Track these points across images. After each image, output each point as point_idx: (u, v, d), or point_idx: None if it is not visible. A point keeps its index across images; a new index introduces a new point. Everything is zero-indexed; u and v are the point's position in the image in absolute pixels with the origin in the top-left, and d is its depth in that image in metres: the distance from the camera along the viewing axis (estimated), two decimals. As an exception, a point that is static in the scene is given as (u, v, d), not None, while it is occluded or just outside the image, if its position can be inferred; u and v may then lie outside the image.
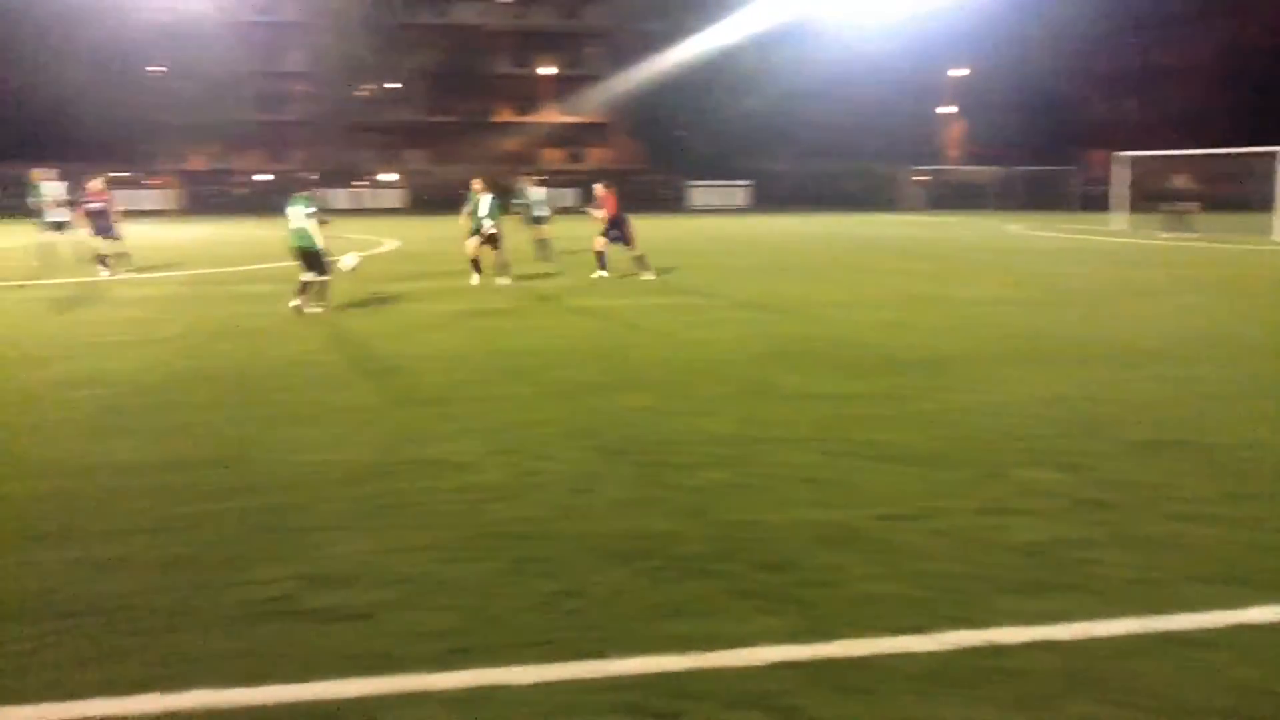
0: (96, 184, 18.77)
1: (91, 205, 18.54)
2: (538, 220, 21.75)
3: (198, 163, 63.70)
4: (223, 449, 6.72)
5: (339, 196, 53.50)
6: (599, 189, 18.51)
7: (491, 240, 16.77)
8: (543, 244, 21.36)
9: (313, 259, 13.24)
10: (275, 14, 64.08)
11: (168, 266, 21.03)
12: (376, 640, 3.95)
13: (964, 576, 4.53)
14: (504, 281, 16.69)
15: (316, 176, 50.11)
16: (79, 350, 10.65)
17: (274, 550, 4.88)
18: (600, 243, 18.10)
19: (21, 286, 16.39)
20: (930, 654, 3.82)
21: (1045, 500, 5.61)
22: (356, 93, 64.09)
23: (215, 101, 57.83)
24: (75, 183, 20.56)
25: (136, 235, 29.72)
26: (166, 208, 53.54)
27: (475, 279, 16.70)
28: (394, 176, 62.86)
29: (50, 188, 19.58)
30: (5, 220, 37.50)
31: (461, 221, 17.44)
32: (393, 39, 61.53)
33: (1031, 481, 5.96)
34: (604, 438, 6.95)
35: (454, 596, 4.35)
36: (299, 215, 13.21)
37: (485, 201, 16.70)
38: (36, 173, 20.26)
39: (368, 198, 57.60)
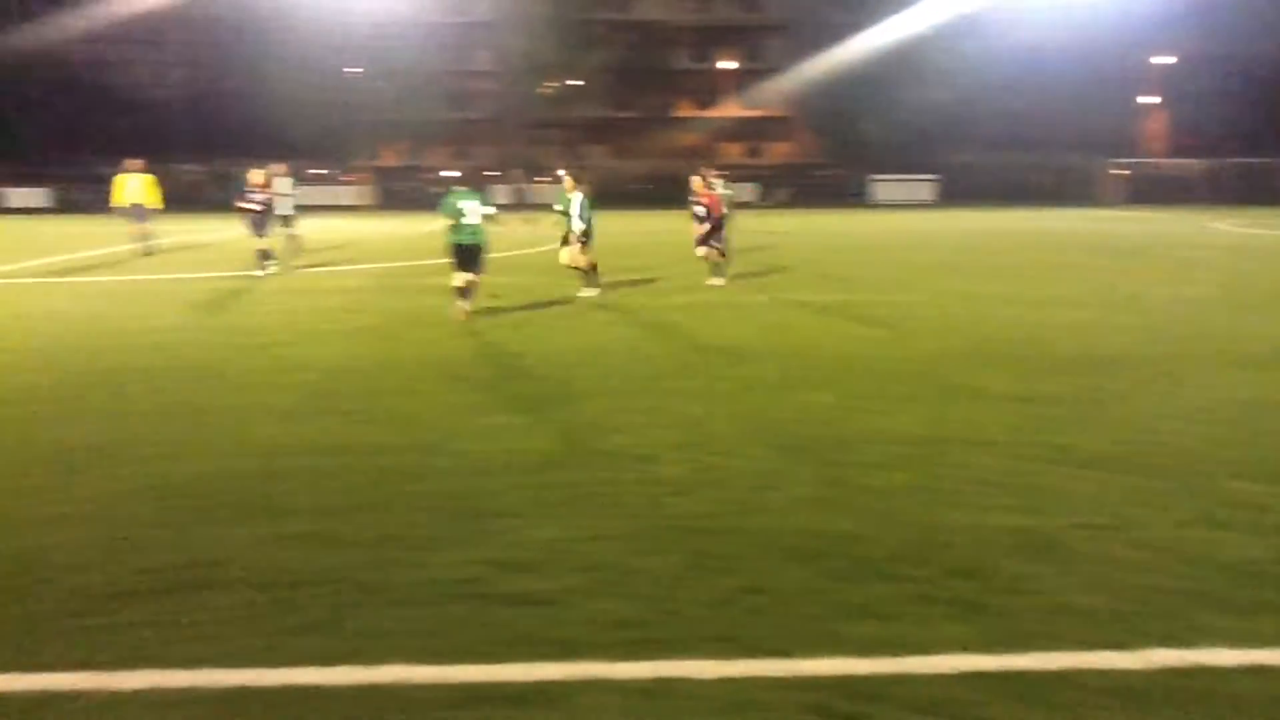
0: (258, 176, 17.97)
1: (255, 198, 17.71)
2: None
3: (390, 159, 66.43)
4: (418, 435, 7.01)
5: (522, 192, 54.79)
6: (697, 182, 16.65)
7: (582, 242, 14.50)
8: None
9: (477, 258, 12.49)
10: (465, 15, 66.14)
11: (363, 260, 22.01)
12: (561, 626, 4.04)
13: (1168, 591, 4.30)
14: (590, 293, 14.58)
15: (499, 172, 51.48)
16: (287, 337, 11.28)
17: (465, 534, 5.05)
18: (703, 250, 16.34)
19: (243, 277, 17.44)
20: (1132, 671, 3.64)
21: (1256, 514, 5.26)
22: (540, 90, 65.55)
23: (407, 100, 60.33)
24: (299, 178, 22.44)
25: (334, 230, 31.32)
26: (361, 203, 55.99)
27: (591, 290, 14.75)
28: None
29: (281, 184, 21.64)
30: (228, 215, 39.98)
31: (551, 223, 15.29)
32: (576, 36, 62.62)
33: (1239, 493, 5.60)
34: (784, 435, 6.91)
35: (637, 587, 4.41)
36: (475, 211, 12.47)
37: (576, 200, 14.41)
38: (280, 168, 22.26)
39: (549, 193, 58.79)
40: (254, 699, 3.54)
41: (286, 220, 22.09)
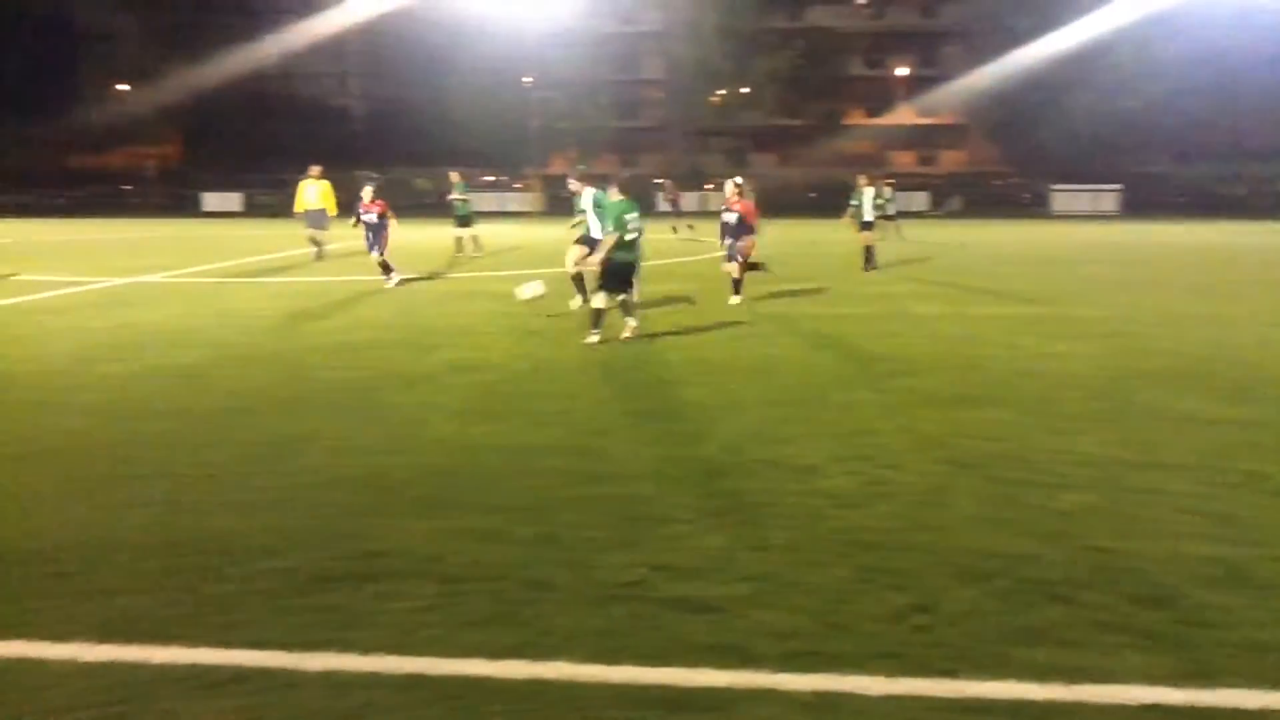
0: (368, 193, 17.54)
1: (365, 216, 17.29)
2: (867, 225, 20.02)
3: (559, 166, 67.76)
4: (581, 438, 7.11)
5: (686, 200, 54.92)
6: (730, 189, 14.96)
7: (589, 245, 13.05)
8: (867, 251, 20.01)
9: (633, 276, 11.36)
10: (634, 24, 67.03)
11: (530, 265, 22.49)
12: (726, 634, 4.04)
13: (1379, 634, 4.00)
14: (575, 305, 13.61)
15: (661, 180, 51.82)
16: (459, 339, 11.63)
17: (630, 537, 5.11)
18: (733, 266, 14.66)
19: (412, 280, 18.08)
20: (1337, 717, 3.40)
21: None
22: (708, 98, 65.77)
23: (576, 109, 61.58)
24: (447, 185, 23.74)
25: (505, 235, 32.15)
26: (530, 210, 57.32)
27: (576, 301, 13.67)
28: (741, 181, 63.69)
29: (461, 188, 24.60)
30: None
31: (571, 225, 14.09)
32: (746, 44, 62.57)
33: None
34: (956, 451, 6.72)
35: (803, 598, 4.37)
36: (638, 225, 11.18)
37: (586, 197, 13.17)
38: (454, 174, 25.09)
39: (714, 201, 58.72)
40: (428, 686, 3.66)
41: (465, 221, 24.36)
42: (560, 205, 58.34)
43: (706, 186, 58.56)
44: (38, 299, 15.58)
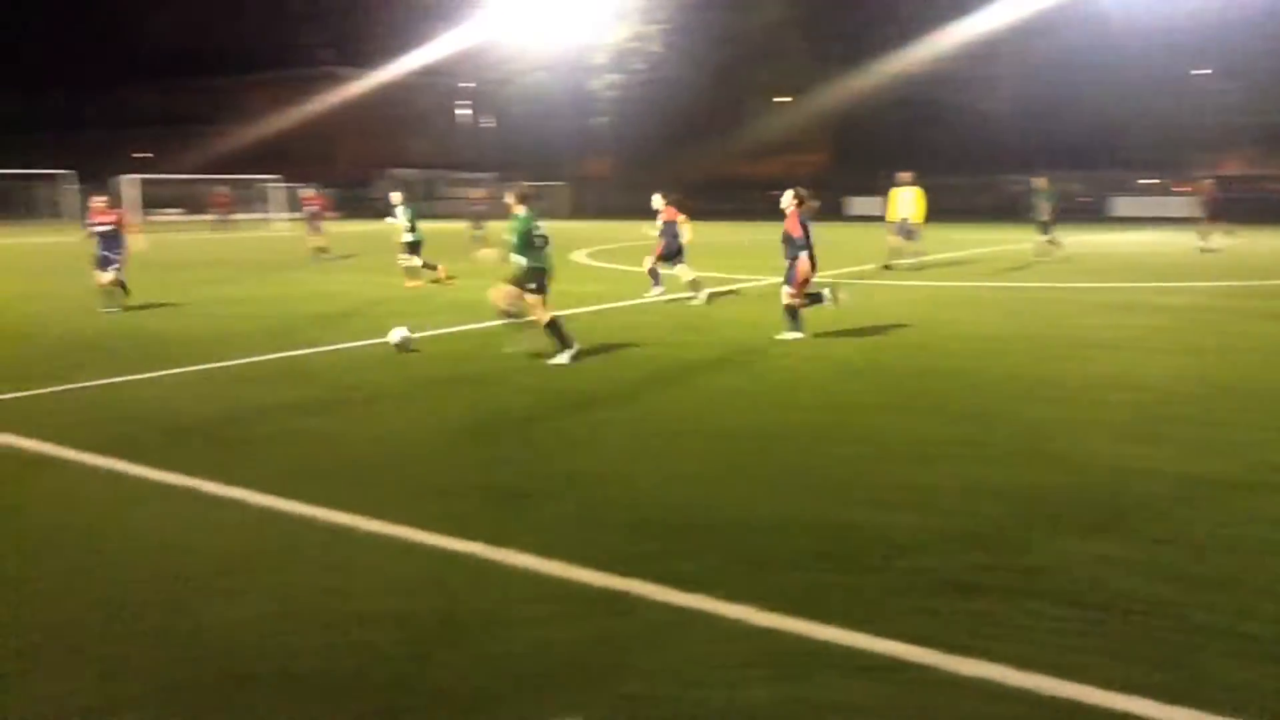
0: (659, 200, 16.51)
1: (661, 224, 16.43)
2: None
3: (1232, 168, 60.46)
4: (1262, 473, 6.36)
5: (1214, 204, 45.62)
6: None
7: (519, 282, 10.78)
8: None
9: None
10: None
11: (1194, 276, 20.51)
12: None
13: None
14: (514, 347, 10.98)
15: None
16: (1110, 354, 10.99)
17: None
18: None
19: (1052, 289, 17.46)
20: None
21: None
22: None
23: (1260, 103, 54.51)
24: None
25: (1165, 244, 29.62)
26: (1195, 215, 51.98)
27: (563, 357, 10.54)
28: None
29: (1041, 194, 25.07)
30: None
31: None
32: None
33: None
34: None
35: None
36: None
37: (514, 221, 10.74)
38: (1040, 180, 25.28)
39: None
40: (1085, 714, 3.55)
41: (1044, 226, 24.95)
42: (1232, 210, 52.27)
43: None
44: (680, 298, 17.46)
